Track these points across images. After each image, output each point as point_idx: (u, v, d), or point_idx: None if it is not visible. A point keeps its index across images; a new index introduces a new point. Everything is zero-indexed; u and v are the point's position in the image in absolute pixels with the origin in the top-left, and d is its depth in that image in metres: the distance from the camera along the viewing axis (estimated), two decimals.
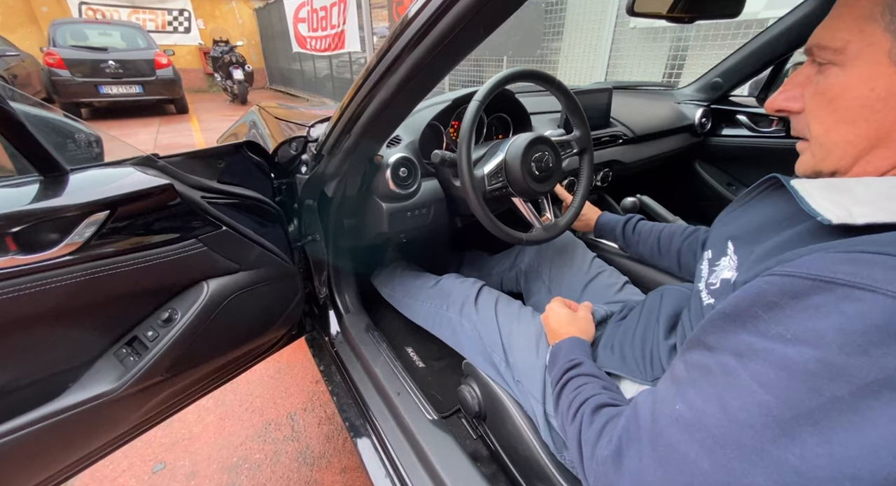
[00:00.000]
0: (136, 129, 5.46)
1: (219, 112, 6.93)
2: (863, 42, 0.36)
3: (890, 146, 0.36)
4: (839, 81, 0.38)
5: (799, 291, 0.30)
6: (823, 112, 0.40)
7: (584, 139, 0.92)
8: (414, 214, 0.93)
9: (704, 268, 0.52)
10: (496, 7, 0.47)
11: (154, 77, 5.95)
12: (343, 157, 0.79)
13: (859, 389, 0.26)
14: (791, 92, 0.44)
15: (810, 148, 0.43)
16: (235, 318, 0.84)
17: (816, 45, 0.40)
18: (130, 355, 0.72)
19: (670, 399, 0.36)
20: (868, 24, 0.35)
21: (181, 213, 0.71)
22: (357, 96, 0.68)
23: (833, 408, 0.27)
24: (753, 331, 0.32)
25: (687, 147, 1.57)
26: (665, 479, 0.34)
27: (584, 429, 0.46)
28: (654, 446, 0.36)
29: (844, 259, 0.29)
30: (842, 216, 0.33)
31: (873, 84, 0.35)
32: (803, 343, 0.29)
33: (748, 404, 0.30)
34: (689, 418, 0.34)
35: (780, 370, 0.29)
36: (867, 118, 0.36)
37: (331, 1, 5.71)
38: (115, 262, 0.64)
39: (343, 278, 1.16)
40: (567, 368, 0.59)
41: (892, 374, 0.26)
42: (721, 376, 0.33)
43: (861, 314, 0.27)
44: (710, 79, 1.59)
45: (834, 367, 0.27)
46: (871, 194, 0.35)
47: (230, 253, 0.80)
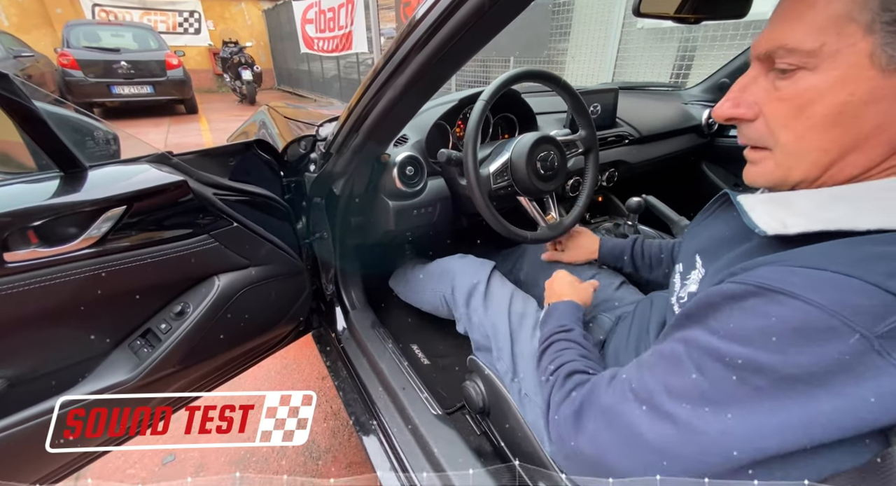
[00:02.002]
0: (147, 128, 5.54)
1: (227, 112, 7.01)
2: (840, 43, 0.33)
3: (864, 151, 0.35)
4: (812, 85, 0.35)
5: (737, 294, 0.34)
6: (793, 120, 0.37)
7: (590, 139, 0.92)
8: (420, 213, 0.94)
9: (677, 281, 0.53)
10: (501, 9, 0.48)
11: (165, 78, 6.03)
12: (351, 156, 0.81)
13: (777, 381, 0.31)
14: (740, 99, 0.41)
15: (774, 157, 0.40)
16: (245, 312, 0.86)
17: (782, 48, 0.36)
18: (144, 346, 0.74)
19: (630, 377, 0.42)
20: (846, 24, 0.33)
21: (194, 209, 0.73)
22: (365, 96, 0.70)
23: (755, 395, 0.32)
24: (702, 327, 0.37)
25: (693, 148, 1.57)
26: (612, 440, 0.41)
27: (555, 391, 0.52)
28: (606, 411, 0.42)
29: (779, 270, 0.33)
30: (777, 228, 0.36)
31: (853, 88, 0.33)
32: (734, 341, 0.33)
33: (687, 385, 0.36)
34: (639, 391, 0.40)
35: (715, 361, 0.34)
36: (846, 124, 0.35)
37: (339, 2, 5.75)
38: (131, 256, 0.66)
39: (350, 276, 1.18)
40: (555, 331, 0.63)
41: (805, 370, 0.30)
42: (671, 361, 0.38)
43: (782, 317, 0.31)
44: (718, 79, 1.58)
45: (756, 363, 0.32)
46: (808, 206, 0.37)
47: (240, 249, 0.82)
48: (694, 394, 0.35)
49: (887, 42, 0.32)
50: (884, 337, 0.28)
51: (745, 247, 0.41)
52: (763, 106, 0.39)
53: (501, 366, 0.76)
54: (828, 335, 0.29)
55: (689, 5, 0.86)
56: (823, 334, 0.29)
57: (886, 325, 0.28)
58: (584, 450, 0.44)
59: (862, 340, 0.28)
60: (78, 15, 7.74)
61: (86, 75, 5.50)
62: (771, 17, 0.38)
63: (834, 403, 0.29)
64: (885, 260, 0.30)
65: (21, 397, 0.64)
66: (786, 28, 0.36)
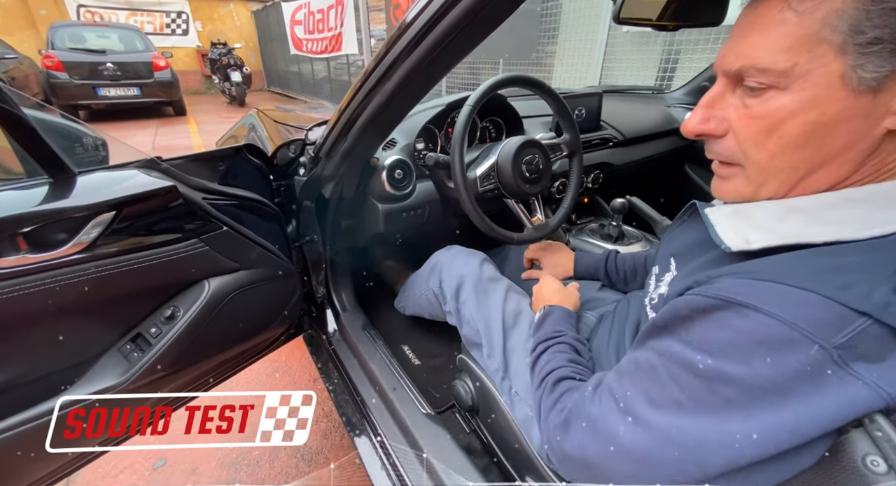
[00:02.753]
0: (134, 131, 5.47)
1: (217, 114, 6.95)
2: (812, 64, 0.33)
3: (831, 169, 0.36)
4: (783, 105, 0.35)
5: (705, 307, 0.36)
6: (765, 138, 0.37)
7: (574, 142, 0.95)
8: (409, 215, 0.96)
9: (652, 283, 0.55)
10: (490, 12, 0.49)
11: (152, 79, 5.96)
12: (340, 159, 0.82)
13: (745, 392, 0.33)
14: (709, 114, 0.41)
15: (745, 174, 0.40)
16: (235, 316, 0.86)
17: (753, 67, 0.35)
18: (135, 350, 0.75)
19: (612, 387, 0.44)
20: (818, 45, 0.33)
21: (184, 213, 0.74)
22: (354, 100, 0.71)
23: (726, 405, 0.34)
24: (676, 338, 0.38)
25: (676, 150, 1.60)
26: (597, 447, 0.43)
27: (545, 397, 0.54)
28: (591, 421, 0.45)
29: (741, 283, 0.35)
30: (740, 244, 0.38)
31: (824, 108, 0.34)
32: (705, 353, 0.35)
33: (664, 395, 0.38)
34: (622, 401, 0.42)
35: (688, 372, 0.36)
36: (817, 143, 0.35)
37: (328, 4, 5.75)
38: (120, 260, 0.67)
39: (340, 278, 1.19)
40: (550, 336, 0.65)
41: (770, 381, 0.32)
42: (648, 371, 0.40)
43: (747, 330, 0.32)
44: (699, 83, 1.63)
45: (726, 374, 0.34)
46: (767, 218, 0.38)
47: (231, 252, 0.83)
48: (671, 404, 0.37)
49: (858, 63, 0.32)
50: (841, 348, 0.29)
51: (713, 254, 0.42)
52: (733, 123, 0.39)
53: (492, 363, 0.76)
54: (789, 347, 0.31)
55: (667, 13, 0.90)
56: (785, 345, 0.31)
57: (843, 336, 0.29)
58: (574, 455, 0.47)
59: (821, 351, 0.29)
60: (63, 16, 7.61)
61: (71, 77, 5.41)
62: (735, 31, 0.38)
63: (798, 412, 0.31)
64: (839, 273, 0.31)
65: (9, 403, 0.64)
66: (756, 45, 0.35)
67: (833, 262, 0.32)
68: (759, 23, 0.35)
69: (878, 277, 0.30)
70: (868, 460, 0.30)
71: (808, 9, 0.32)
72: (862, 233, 0.33)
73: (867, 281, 0.30)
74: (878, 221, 0.33)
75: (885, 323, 0.28)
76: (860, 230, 0.33)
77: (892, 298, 0.29)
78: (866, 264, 0.31)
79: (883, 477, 0.29)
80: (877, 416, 0.29)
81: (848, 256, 0.32)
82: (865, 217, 0.34)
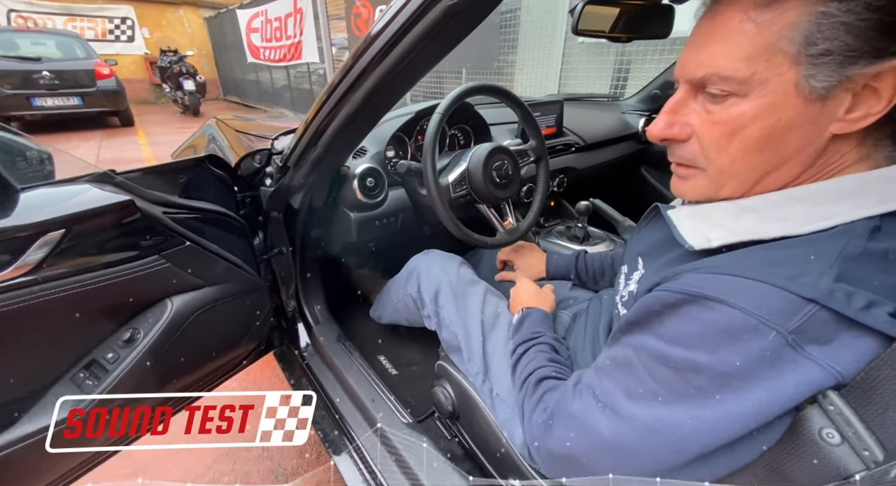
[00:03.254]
0: (76, 143, 5.09)
1: (169, 125, 6.60)
2: (770, 73, 0.35)
3: (784, 170, 0.39)
4: (743, 111, 0.37)
5: (675, 302, 0.38)
6: (727, 142, 0.39)
7: (540, 148, 0.98)
8: (382, 223, 0.95)
9: (621, 281, 0.58)
10: (457, 25, 0.51)
11: (94, 88, 5.59)
12: (309, 168, 0.80)
13: (714, 379, 0.35)
14: (673, 120, 0.43)
15: (706, 175, 0.43)
16: (201, 335, 0.82)
17: (716, 75, 0.37)
18: (88, 378, 0.69)
19: (592, 383, 0.46)
20: (775, 54, 0.35)
21: (142, 229, 0.70)
22: (323, 109, 0.70)
23: (698, 394, 0.36)
24: (649, 332, 0.41)
25: (633, 153, 1.69)
26: (580, 443, 0.45)
27: (527, 398, 0.55)
28: (573, 418, 0.46)
29: (704, 277, 0.37)
30: (702, 243, 0.41)
31: (780, 114, 0.36)
32: (677, 345, 0.38)
33: (641, 388, 0.40)
34: (601, 397, 0.44)
35: (662, 365, 0.39)
36: (773, 147, 0.38)
37: (286, 11, 5.64)
38: (72, 282, 0.62)
39: (312, 290, 1.16)
40: (528, 337, 0.66)
41: (735, 367, 0.34)
42: (625, 366, 0.42)
43: (713, 321, 0.35)
44: (650, 91, 1.73)
45: (696, 364, 0.36)
46: (724, 217, 0.41)
47: (194, 268, 0.79)
48: (648, 396, 0.39)
49: (810, 73, 0.34)
50: (795, 332, 0.32)
51: (676, 252, 0.45)
52: (696, 128, 0.41)
53: (472, 367, 0.77)
54: (749, 334, 0.33)
55: (619, 26, 0.96)
56: (746, 332, 0.33)
57: (796, 321, 0.32)
58: (558, 451, 0.48)
59: (778, 336, 0.32)
60: None
61: (1, 87, 4.98)
62: (694, 41, 0.40)
63: (761, 395, 0.33)
64: (788, 264, 0.34)
65: None
66: (718, 54, 0.37)
67: (783, 255, 0.35)
68: (720, 33, 0.37)
69: (821, 267, 0.33)
70: (824, 432, 0.32)
71: (766, 21, 0.34)
72: (806, 228, 0.36)
73: (813, 271, 0.33)
74: (820, 216, 0.36)
75: (830, 308, 0.31)
76: (805, 225, 0.36)
77: (834, 286, 0.31)
78: (810, 255, 0.34)
79: (838, 448, 0.32)
80: (829, 392, 0.32)
81: (795, 248, 0.35)
82: (808, 213, 0.37)
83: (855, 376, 0.32)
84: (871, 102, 0.34)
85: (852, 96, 0.34)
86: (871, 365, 0.31)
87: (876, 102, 0.34)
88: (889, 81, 0.33)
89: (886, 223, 0.34)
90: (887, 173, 0.36)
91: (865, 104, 0.34)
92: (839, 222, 0.35)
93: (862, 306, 0.31)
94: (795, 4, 0.33)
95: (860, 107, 0.35)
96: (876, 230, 0.34)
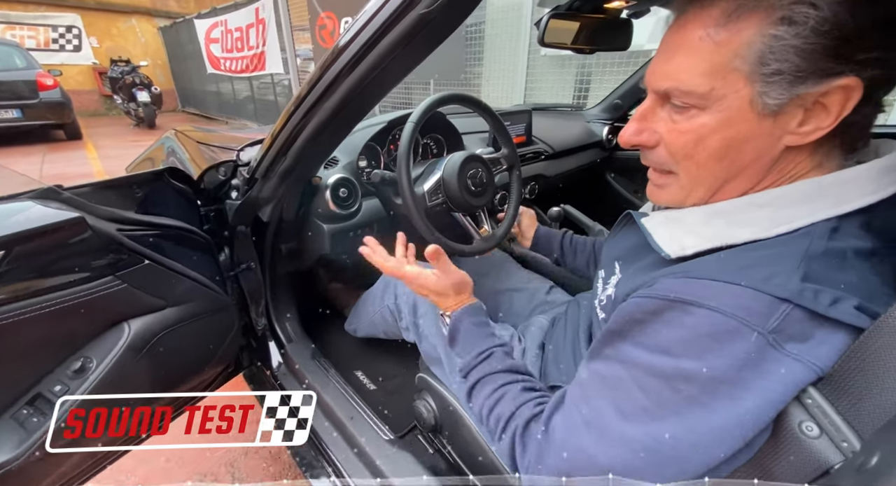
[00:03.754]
0: (15, 158, 4.72)
1: (122, 138, 6.25)
2: (727, 89, 0.37)
3: (743, 177, 0.41)
4: (705, 123, 0.39)
5: (655, 309, 0.38)
6: (692, 149, 0.41)
7: (512, 156, 1.00)
8: (357, 234, 0.93)
9: (599, 286, 0.57)
10: (430, 33, 0.51)
11: (37, 100, 5.22)
12: (279, 180, 0.78)
13: (704, 386, 0.35)
14: (642, 127, 0.44)
15: (678, 181, 0.44)
16: (164, 360, 0.76)
17: (678, 89, 0.39)
18: (33, 415, 0.62)
19: (578, 404, 0.44)
20: (731, 72, 0.36)
21: (94, 248, 0.65)
22: (292, 119, 0.68)
23: (689, 402, 0.36)
24: (632, 342, 0.40)
25: (599, 160, 1.76)
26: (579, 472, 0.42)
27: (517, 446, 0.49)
28: (567, 450, 0.43)
29: (681, 282, 0.38)
30: (677, 251, 0.42)
31: (737, 128, 0.38)
32: (663, 354, 0.37)
33: (632, 405, 0.39)
34: (593, 421, 0.41)
35: (650, 376, 0.38)
36: (732, 157, 0.40)
37: (247, 22, 5.52)
38: (12, 309, 0.56)
39: (283, 306, 1.11)
40: (475, 363, 0.58)
41: (723, 372, 0.34)
42: (611, 381, 0.41)
43: (695, 326, 0.35)
44: (612, 100, 1.81)
45: (684, 371, 0.36)
46: (695, 222, 0.43)
47: (155, 288, 0.74)
48: (639, 412, 0.38)
49: (764, 91, 0.36)
50: (774, 332, 0.33)
51: (651, 257, 0.46)
52: (663, 135, 0.43)
53: (455, 377, 0.75)
54: (732, 336, 0.34)
55: (582, 38, 1.00)
56: (729, 335, 0.34)
57: (773, 321, 0.33)
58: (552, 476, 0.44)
59: (760, 337, 0.33)
60: None
61: None
62: (662, 50, 0.42)
63: (754, 399, 0.33)
64: (760, 266, 0.35)
65: None
66: (680, 68, 0.39)
67: (754, 257, 0.37)
68: (683, 46, 0.39)
69: (790, 268, 0.34)
70: (804, 426, 0.33)
71: (722, 39, 0.36)
72: (773, 231, 0.38)
73: (783, 272, 0.34)
74: (783, 219, 0.38)
75: (802, 306, 0.32)
76: (770, 229, 0.38)
77: (802, 285, 0.33)
78: (779, 257, 0.35)
79: (817, 441, 0.33)
80: (807, 386, 0.33)
81: (765, 250, 0.37)
82: (772, 217, 0.38)
83: (829, 369, 0.33)
84: (821, 117, 0.36)
85: (804, 112, 0.36)
86: (843, 357, 0.32)
87: (825, 117, 0.36)
88: (836, 98, 0.35)
89: (843, 224, 0.36)
90: (841, 177, 0.38)
91: (816, 119, 0.36)
92: (801, 225, 0.37)
93: (829, 303, 0.32)
94: (749, 25, 0.35)
95: (811, 121, 0.37)
96: (835, 231, 0.36)
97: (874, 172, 0.38)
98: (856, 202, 0.37)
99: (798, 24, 0.33)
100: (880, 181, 0.37)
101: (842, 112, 0.35)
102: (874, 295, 0.34)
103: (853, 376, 0.32)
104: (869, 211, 0.37)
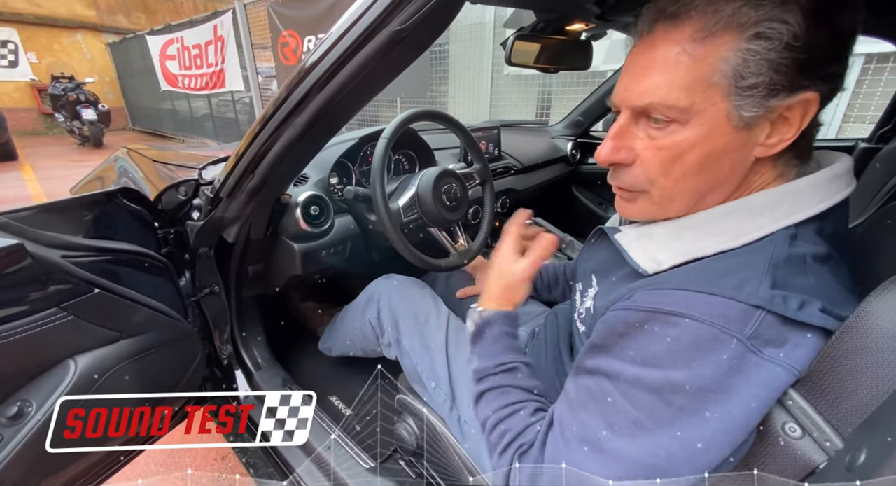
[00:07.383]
0: None
1: (64, 158, 5.83)
2: (706, 103, 0.38)
3: (720, 190, 0.42)
4: (685, 138, 0.39)
5: (637, 321, 0.39)
6: (670, 166, 0.41)
7: (484, 171, 1.01)
8: (329, 253, 0.90)
9: (577, 299, 0.58)
10: (402, 51, 0.51)
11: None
12: (246, 198, 0.74)
13: (692, 396, 0.35)
14: (619, 145, 0.44)
15: (650, 198, 0.44)
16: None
17: (661, 104, 0.39)
18: None
19: (568, 422, 0.43)
20: (709, 87, 0.37)
21: (35, 278, 0.59)
22: (260, 136, 0.66)
23: (680, 413, 0.36)
24: (617, 356, 0.40)
25: (565, 174, 1.82)
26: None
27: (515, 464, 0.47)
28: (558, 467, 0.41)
29: (660, 294, 0.39)
30: (653, 266, 0.43)
31: (716, 141, 0.39)
32: (650, 366, 0.37)
33: (623, 419, 0.39)
34: (586, 438, 0.41)
35: (640, 389, 0.38)
36: (710, 170, 0.41)
37: (205, 39, 5.39)
38: None
39: (250, 332, 1.05)
40: (495, 372, 0.55)
41: (710, 379, 0.35)
42: (602, 398, 0.40)
43: (679, 336, 0.36)
44: (574, 117, 1.89)
45: (672, 382, 0.36)
46: (665, 236, 0.44)
47: (106, 319, 0.67)
48: (631, 426, 0.38)
49: (740, 104, 0.37)
50: (752, 338, 0.34)
51: (626, 270, 0.46)
52: (640, 153, 0.43)
53: (438, 395, 0.73)
54: (714, 344, 0.34)
55: (545, 58, 1.04)
56: (711, 343, 0.34)
57: (750, 328, 0.34)
58: None
59: (739, 343, 0.34)
60: None
61: None
62: (632, 71, 0.42)
63: (741, 405, 0.34)
64: (731, 275, 0.37)
65: None
66: (661, 84, 0.39)
67: (725, 266, 0.38)
68: (657, 63, 0.39)
69: (758, 275, 0.36)
70: (787, 427, 0.34)
71: (700, 55, 0.37)
72: (739, 241, 0.39)
73: (752, 280, 0.35)
74: (748, 229, 0.40)
75: (774, 312, 0.34)
76: (737, 239, 0.40)
77: (772, 292, 0.34)
78: (747, 265, 0.37)
79: (800, 441, 0.34)
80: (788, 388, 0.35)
81: (734, 259, 0.39)
82: (737, 227, 0.40)
83: (805, 371, 0.34)
84: (783, 129, 0.39)
85: (770, 124, 0.38)
86: (817, 359, 0.34)
87: (788, 129, 0.38)
88: (798, 111, 0.37)
89: (801, 231, 0.39)
90: (794, 186, 0.41)
91: (779, 131, 0.39)
92: (764, 234, 0.39)
93: (797, 307, 0.34)
94: (726, 41, 0.36)
95: (776, 134, 0.39)
96: (794, 238, 0.38)
97: (822, 181, 0.40)
98: (809, 210, 0.39)
99: (772, 39, 0.35)
100: (828, 189, 0.40)
101: (802, 124, 0.38)
102: (834, 297, 0.36)
103: (828, 377, 0.33)
104: (821, 218, 0.39)
